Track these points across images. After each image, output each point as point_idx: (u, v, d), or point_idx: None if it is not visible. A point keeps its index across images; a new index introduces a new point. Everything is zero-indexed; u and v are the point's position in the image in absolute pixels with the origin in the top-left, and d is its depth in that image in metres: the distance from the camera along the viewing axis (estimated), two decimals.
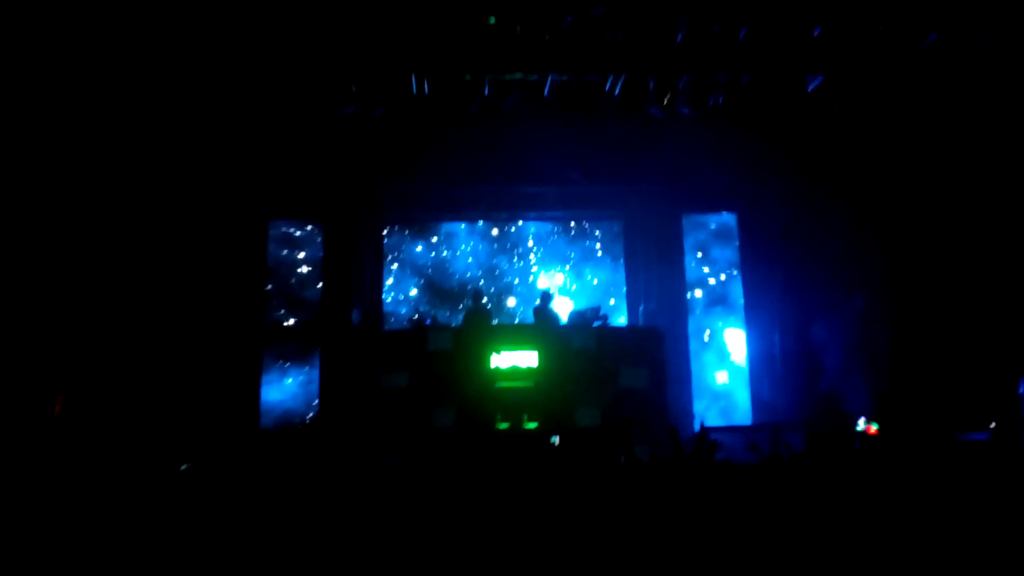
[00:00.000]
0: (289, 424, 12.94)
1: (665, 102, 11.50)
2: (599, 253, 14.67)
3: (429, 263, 14.40)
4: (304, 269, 13.53)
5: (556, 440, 9.95)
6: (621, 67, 10.97)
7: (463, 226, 14.59)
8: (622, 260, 14.38)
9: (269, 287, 13.23)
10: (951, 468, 7.75)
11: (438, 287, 14.35)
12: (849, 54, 10.79)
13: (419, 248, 14.42)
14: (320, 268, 13.45)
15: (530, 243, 14.73)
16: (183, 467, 9.11)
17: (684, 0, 9.82)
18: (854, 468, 7.29)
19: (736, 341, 13.73)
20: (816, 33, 10.36)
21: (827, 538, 6.01)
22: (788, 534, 6.04)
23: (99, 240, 11.69)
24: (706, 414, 13.10)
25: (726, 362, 13.77)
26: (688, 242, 13.92)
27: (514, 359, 10.75)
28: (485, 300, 12.93)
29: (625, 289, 14.22)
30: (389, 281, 14.17)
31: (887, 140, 12.26)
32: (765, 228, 13.56)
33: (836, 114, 12.03)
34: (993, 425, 10.47)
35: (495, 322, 12.54)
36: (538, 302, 11.89)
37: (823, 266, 12.91)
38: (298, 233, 13.60)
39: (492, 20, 9.93)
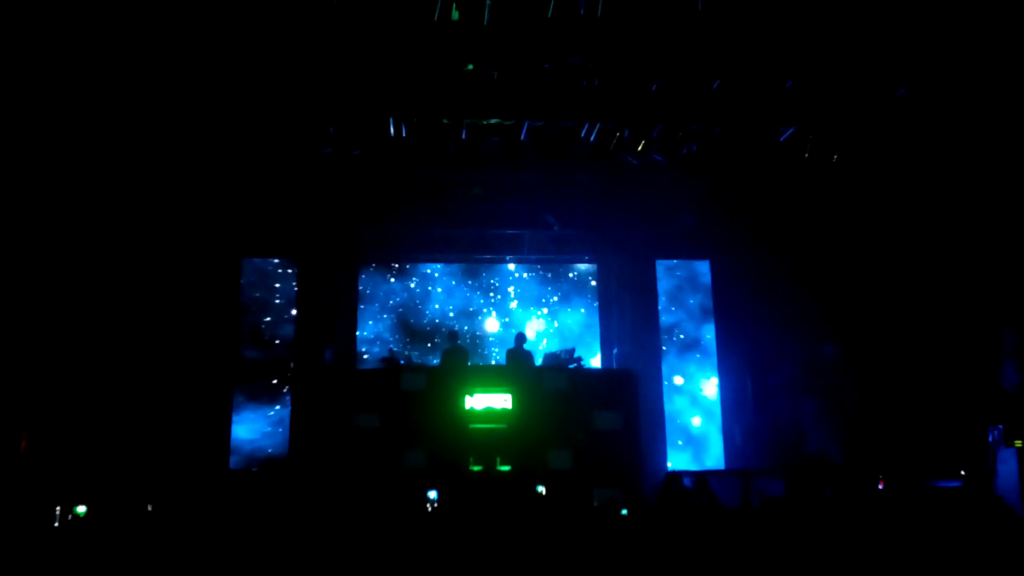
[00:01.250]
0: (260, 463, 12.75)
1: (639, 150, 11.66)
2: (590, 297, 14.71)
3: (403, 302, 14.37)
4: (279, 306, 13.45)
5: (542, 489, 9.95)
6: (596, 114, 11.14)
7: (439, 265, 14.60)
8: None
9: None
10: (922, 514, 7.80)
11: (412, 326, 14.31)
12: (820, 106, 11.04)
13: (393, 287, 14.39)
14: (294, 306, 13.39)
15: (511, 275, 14.77)
16: (149, 507, 8.94)
17: (659, 51, 10.01)
18: (828, 513, 7.33)
19: (710, 387, 13.81)
20: (788, 85, 10.60)
21: None
22: None
23: (68, 276, 11.56)
24: (680, 457, 13.13)
25: (700, 406, 13.82)
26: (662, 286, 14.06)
27: (488, 401, 10.73)
28: (460, 340, 12.90)
29: (599, 331, 14.30)
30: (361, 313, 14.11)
31: (859, 190, 12.50)
32: (738, 275, 13.73)
33: (807, 164, 12.26)
34: (963, 473, 10.57)
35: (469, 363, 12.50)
36: (513, 344, 11.90)
37: (795, 314, 13.05)
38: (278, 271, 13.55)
39: (470, 66, 10.06)
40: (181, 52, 9.70)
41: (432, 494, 9.70)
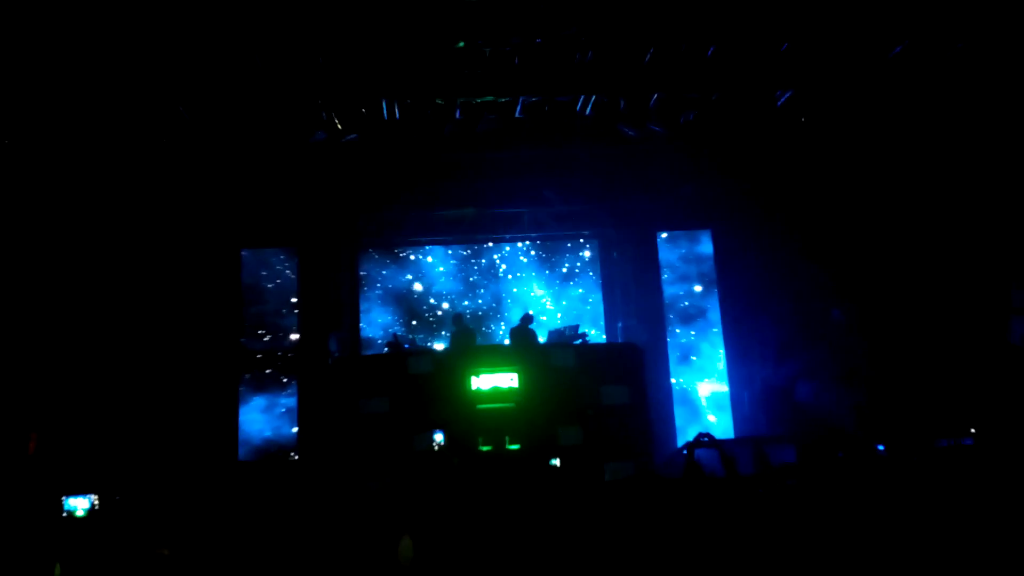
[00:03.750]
0: (270, 453, 12.76)
1: (636, 121, 11.56)
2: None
3: (404, 285, 14.31)
4: (281, 296, 13.41)
5: (556, 462, 9.99)
6: (592, 87, 11.02)
7: (439, 247, 14.53)
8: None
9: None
10: (931, 473, 7.80)
11: (413, 309, 14.26)
12: (816, 67, 10.91)
13: (393, 271, 14.32)
14: (296, 295, 13.35)
15: (512, 253, 14.69)
16: (157, 500, 8.95)
17: (652, 20, 9.88)
18: (842, 477, 7.32)
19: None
20: (783, 48, 10.48)
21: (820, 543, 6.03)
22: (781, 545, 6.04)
23: (69, 272, 11.53)
24: (687, 429, 13.10)
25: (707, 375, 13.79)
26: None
27: (495, 380, 10.69)
28: (466, 322, 12.83)
29: (603, 306, 14.25)
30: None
31: (859, 152, 12.39)
32: (740, 244, 13.61)
33: (806, 128, 12.14)
34: (973, 431, 10.56)
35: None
36: (518, 323, 11.85)
37: (800, 280, 12.97)
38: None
39: (461, 44, 9.93)
40: (171, 40, 9.59)
41: (438, 436, 10.03)
